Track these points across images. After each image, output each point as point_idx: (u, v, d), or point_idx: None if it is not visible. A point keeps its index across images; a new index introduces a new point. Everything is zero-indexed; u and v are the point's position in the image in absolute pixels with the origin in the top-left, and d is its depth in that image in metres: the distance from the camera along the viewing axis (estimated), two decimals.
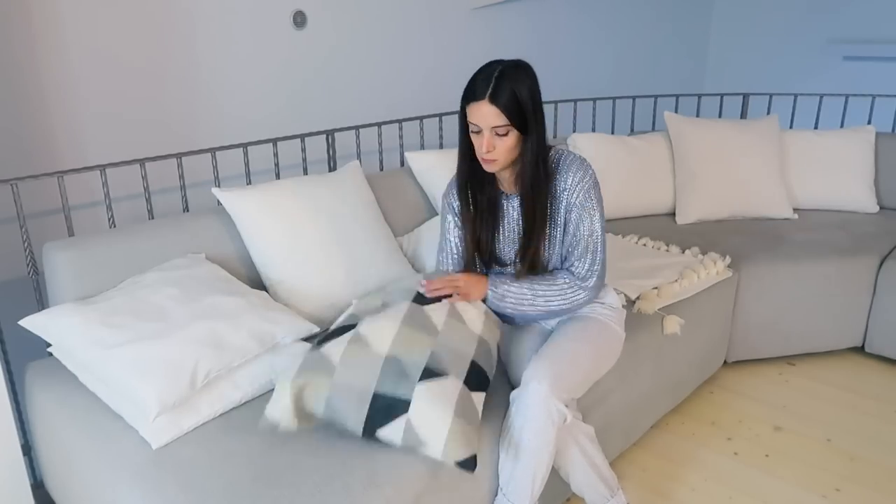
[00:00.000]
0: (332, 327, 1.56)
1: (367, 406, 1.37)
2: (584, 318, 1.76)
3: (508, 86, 1.50)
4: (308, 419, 1.40)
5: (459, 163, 1.68)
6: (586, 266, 1.67)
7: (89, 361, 1.54)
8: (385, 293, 1.66)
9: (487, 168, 1.60)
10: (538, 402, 1.49)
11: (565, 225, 1.66)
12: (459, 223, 1.74)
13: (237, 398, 1.58)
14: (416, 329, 1.51)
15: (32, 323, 1.62)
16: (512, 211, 1.70)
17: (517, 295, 1.67)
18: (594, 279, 1.69)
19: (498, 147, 1.54)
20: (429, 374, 1.41)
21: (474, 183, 1.69)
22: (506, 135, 1.53)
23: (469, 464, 1.34)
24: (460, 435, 1.34)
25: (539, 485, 1.54)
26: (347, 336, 1.49)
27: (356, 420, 1.37)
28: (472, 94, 1.53)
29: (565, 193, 1.62)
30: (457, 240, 1.76)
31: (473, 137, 1.58)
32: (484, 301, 1.67)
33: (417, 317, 1.54)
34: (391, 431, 1.36)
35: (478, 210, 1.70)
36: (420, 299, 1.60)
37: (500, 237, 1.73)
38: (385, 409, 1.37)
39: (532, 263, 1.67)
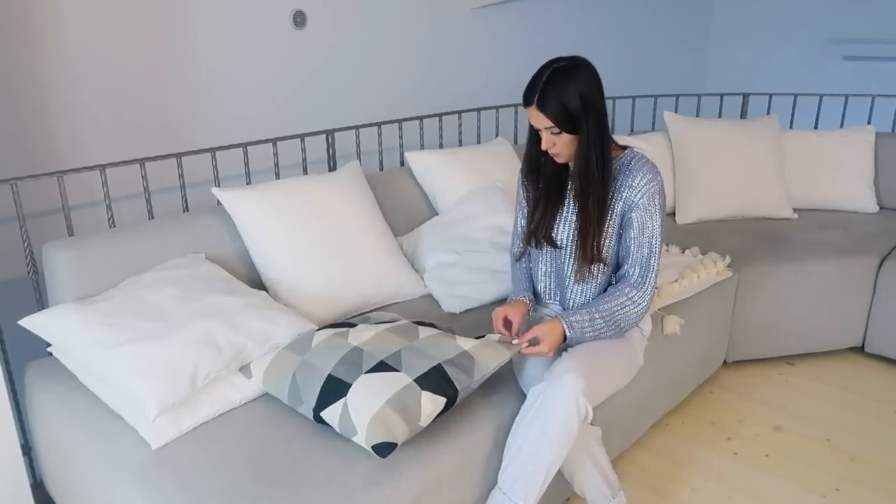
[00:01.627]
0: (343, 320, 1.64)
1: (321, 385, 1.45)
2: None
3: (555, 92, 1.55)
4: (274, 386, 1.54)
5: (527, 147, 1.74)
6: (638, 272, 1.68)
7: (89, 361, 1.54)
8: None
9: (556, 159, 1.68)
10: (570, 394, 1.49)
11: (622, 224, 1.69)
12: (524, 204, 1.82)
13: (237, 399, 1.58)
14: (398, 334, 1.59)
15: (32, 323, 1.62)
16: (572, 196, 1.74)
17: (589, 323, 1.66)
18: (647, 286, 1.68)
19: (557, 143, 1.61)
20: (381, 367, 1.46)
21: (546, 162, 1.73)
22: (559, 134, 1.59)
23: (383, 449, 1.34)
24: (384, 421, 1.35)
25: (546, 485, 1.53)
26: (340, 329, 1.63)
27: (310, 397, 1.46)
28: (525, 99, 1.61)
29: (629, 192, 1.65)
30: (524, 222, 1.84)
31: (542, 133, 1.64)
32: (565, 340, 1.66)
33: (406, 328, 1.63)
34: (331, 413, 1.41)
35: (542, 190, 1.76)
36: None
37: (560, 218, 1.75)
38: (332, 391, 1.43)
39: (585, 254, 1.68)
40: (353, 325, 1.66)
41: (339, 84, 2.97)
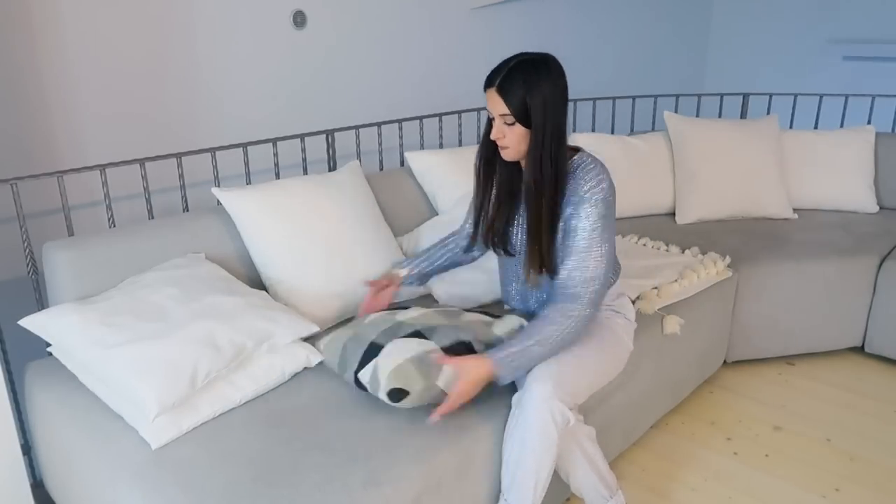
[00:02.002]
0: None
1: (363, 351, 1.57)
2: (597, 323, 1.75)
3: (520, 78, 1.51)
4: (329, 355, 1.65)
5: (483, 139, 1.68)
6: (578, 281, 1.56)
7: (89, 361, 1.54)
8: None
9: (503, 154, 1.62)
10: (541, 403, 1.49)
11: (566, 230, 1.61)
12: (473, 191, 1.77)
13: (237, 398, 1.58)
14: (443, 315, 1.70)
15: (32, 323, 1.62)
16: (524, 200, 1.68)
17: (519, 353, 1.53)
18: (587, 296, 1.56)
19: (508, 135, 1.56)
20: (414, 335, 1.58)
21: (500, 162, 1.67)
22: (513, 125, 1.55)
23: (396, 395, 1.45)
24: (403, 372, 1.46)
25: (541, 489, 1.54)
26: (393, 310, 1.78)
27: (353, 363, 1.57)
28: (486, 80, 1.57)
29: (575, 197, 1.58)
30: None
31: (494, 122, 1.59)
32: (494, 382, 1.54)
33: (453, 312, 1.75)
34: (365, 373, 1.53)
35: (497, 190, 1.71)
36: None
37: (517, 223, 1.72)
38: (370, 354, 1.55)
39: (533, 261, 1.63)
40: (406, 307, 1.78)
41: (339, 84, 2.97)
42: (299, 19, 2.76)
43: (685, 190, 3.01)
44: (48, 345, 1.69)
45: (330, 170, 2.56)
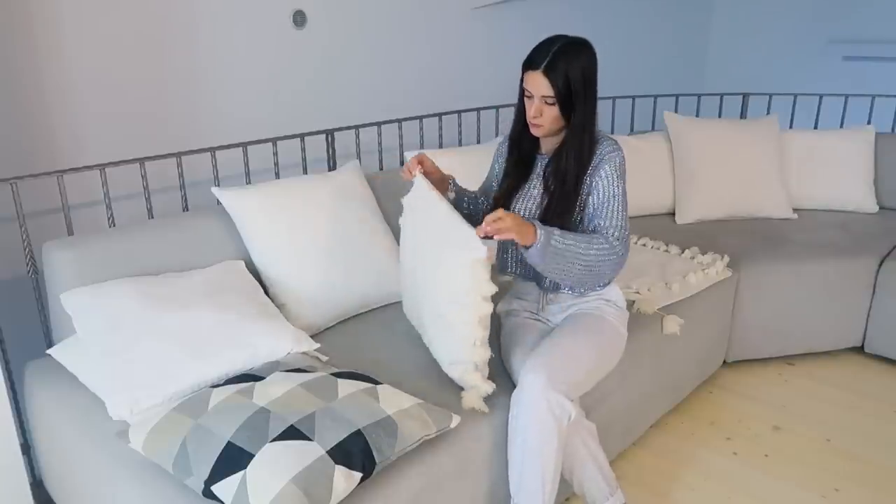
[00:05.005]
0: (245, 372, 1.52)
1: (217, 454, 1.25)
2: (587, 314, 1.76)
3: (563, 62, 1.59)
4: (158, 454, 1.32)
5: (514, 122, 1.79)
6: (616, 227, 1.64)
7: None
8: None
9: (534, 132, 1.71)
10: (536, 395, 1.49)
11: (587, 195, 1.70)
12: (499, 170, 1.88)
13: None
14: (314, 391, 1.39)
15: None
16: (541, 171, 1.77)
17: (566, 248, 1.55)
18: (624, 241, 1.64)
19: (545, 114, 1.65)
20: (291, 433, 1.26)
21: (520, 141, 1.79)
22: (553, 104, 1.63)
23: None
24: (290, 501, 1.15)
25: (550, 488, 1.53)
26: (244, 385, 1.43)
27: (202, 467, 1.25)
28: (530, 62, 1.64)
29: (594, 165, 1.69)
30: (493, 181, 1.90)
31: (526, 102, 1.69)
32: (527, 247, 1.54)
33: (323, 383, 1.43)
34: (226, 488, 1.21)
35: (512, 165, 1.81)
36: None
37: (522, 193, 1.79)
38: (230, 460, 1.23)
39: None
40: (259, 379, 1.45)
41: (340, 84, 2.97)
42: (299, 19, 2.76)
43: (685, 190, 3.01)
44: (48, 345, 1.69)
45: (330, 170, 2.56)
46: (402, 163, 2.76)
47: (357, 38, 2.99)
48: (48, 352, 1.71)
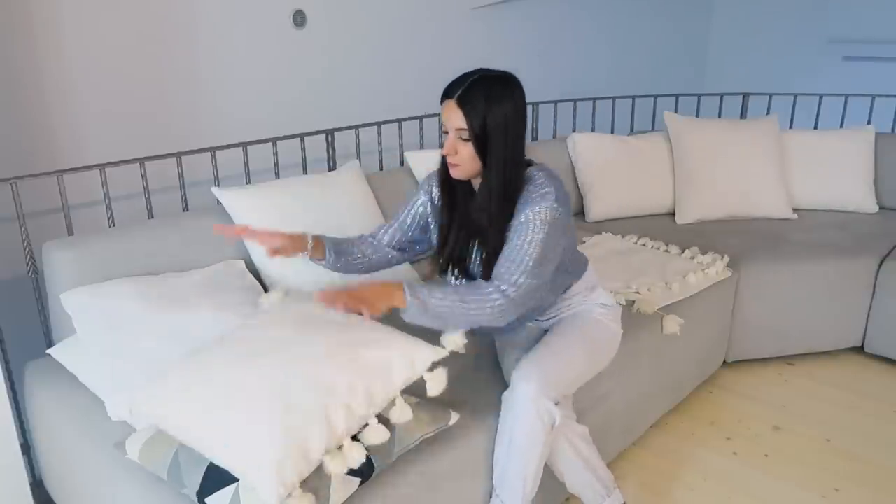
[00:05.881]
0: None
1: (203, 470, 1.26)
2: (577, 316, 1.76)
3: (482, 95, 1.44)
4: (153, 462, 1.33)
5: (440, 164, 1.62)
6: (510, 274, 1.47)
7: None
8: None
9: (452, 172, 1.54)
10: (527, 402, 1.49)
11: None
12: (430, 210, 1.69)
13: None
14: None
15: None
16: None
17: (438, 304, 1.44)
18: (512, 298, 1.46)
19: (460, 152, 1.49)
20: None
21: (450, 182, 1.61)
22: (469, 141, 1.47)
23: None
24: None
25: (531, 485, 1.54)
26: None
27: (192, 479, 1.26)
28: (445, 92, 1.50)
29: (520, 206, 1.52)
30: (412, 218, 1.71)
31: (443, 138, 1.53)
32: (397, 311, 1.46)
33: None
34: (219, 499, 1.22)
35: (452, 208, 1.63)
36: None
37: (473, 249, 1.62)
38: (216, 476, 1.25)
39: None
40: None
41: (339, 84, 2.97)
42: (299, 19, 2.76)
43: (685, 190, 3.01)
44: (48, 345, 1.69)
45: (330, 169, 2.56)
46: (402, 163, 2.76)
47: (357, 37, 2.99)
48: (48, 352, 1.71)
